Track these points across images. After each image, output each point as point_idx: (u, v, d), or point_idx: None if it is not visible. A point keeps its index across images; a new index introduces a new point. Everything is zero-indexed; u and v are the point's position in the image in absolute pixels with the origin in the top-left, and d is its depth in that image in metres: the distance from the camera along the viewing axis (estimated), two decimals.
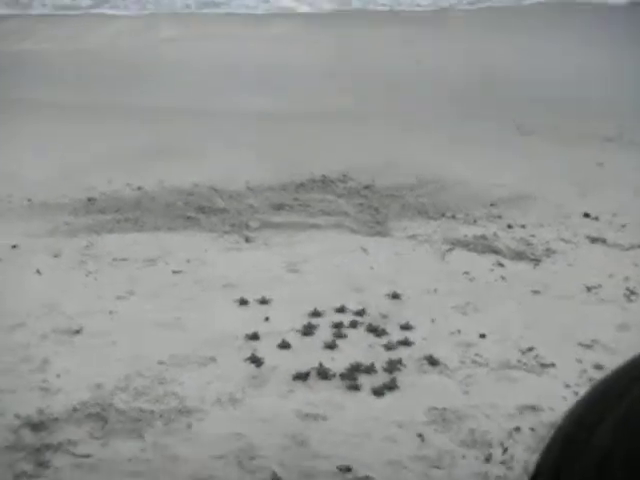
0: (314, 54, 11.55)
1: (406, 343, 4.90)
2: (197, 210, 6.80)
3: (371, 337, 4.99)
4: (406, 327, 5.08)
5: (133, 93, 9.97)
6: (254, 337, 4.93)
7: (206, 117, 9.16)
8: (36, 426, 4.13)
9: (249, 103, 9.66)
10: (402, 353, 4.80)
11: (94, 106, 9.40)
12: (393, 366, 4.66)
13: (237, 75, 10.71)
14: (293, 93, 10.10)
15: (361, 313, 5.23)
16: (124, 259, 5.90)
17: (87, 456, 3.97)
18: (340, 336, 4.97)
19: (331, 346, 4.87)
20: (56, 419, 4.18)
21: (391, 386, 4.50)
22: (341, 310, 5.26)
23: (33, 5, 14.08)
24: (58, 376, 4.51)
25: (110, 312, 5.18)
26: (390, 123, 9.13)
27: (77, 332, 4.95)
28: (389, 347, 4.86)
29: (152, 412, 4.25)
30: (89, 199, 6.99)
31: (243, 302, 5.35)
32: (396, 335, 4.98)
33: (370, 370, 4.62)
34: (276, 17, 13.72)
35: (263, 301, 5.36)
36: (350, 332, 5.04)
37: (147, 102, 9.63)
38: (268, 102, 9.68)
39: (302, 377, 4.55)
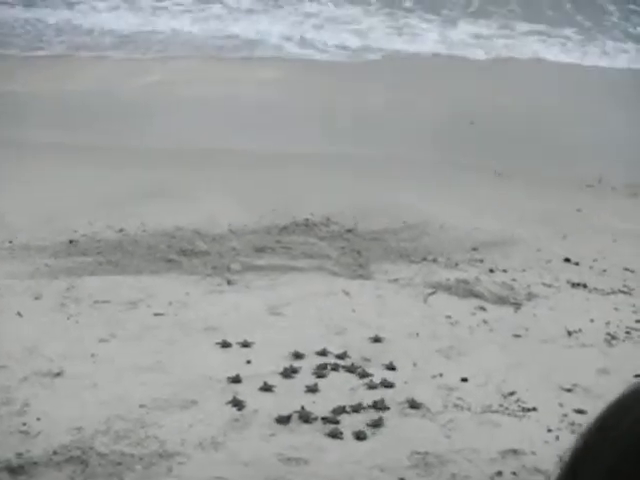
0: (312, 99, 11.63)
1: (388, 386, 4.89)
2: (179, 253, 6.79)
3: (353, 380, 4.99)
4: (388, 370, 5.08)
5: (121, 135, 10.00)
6: (236, 380, 4.92)
7: (191, 159, 9.19)
8: (15, 470, 4.09)
9: (236, 145, 9.70)
10: (384, 396, 4.79)
11: (79, 148, 9.41)
12: (375, 409, 4.66)
13: (230, 117, 10.76)
14: (281, 135, 10.16)
15: (343, 356, 5.23)
16: (105, 302, 5.88)
17: None
18: (322, 379, 4.97)
19: (313, 389, 4.86)
20: (36, 463, 4.14)
21: (373, 430, 4.49)
22: (323, 353, 5.26)
23: (52, 43, 14.12)
24: (38, 419, 4.47)
25: (91, 355, 5.15)
26: (374, 167, 9.20)
27: (58, 375, 4.91)
28: (371, 390, 4.85)
29: (133, 456, 4.22)
30: (70, 241, 6.98)
31: (225, 345, 5.34)
32: (378, 378, 4.97)
33: (352, 413, 4.61)
34: (282, 62, 13.79)
35: (245, 344, 5.35)
36: (332, 375, 5.03)
37: (133, 144, 9.66)
38: (255, 144, 9.72)
39: (284, 420, 4.54)
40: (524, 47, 14.23)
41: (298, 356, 5.20)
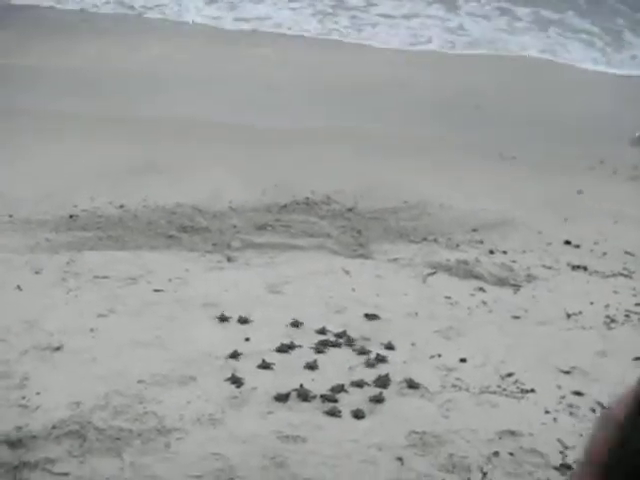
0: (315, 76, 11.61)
1: (387, 365, 4.89)
2: (179, 229, 6.79)
3: (352, 359, 4.99)
4: (387, 350, 5.08)
5: (123, 108, 9.97)
6: (234, 357, 4.93)
7: (194, 134, 9.17)
8: (14, 444, 4.09)
9: (238, 120, 9.68)
10: (383, 375, 4.79)
11: (81, 120, 9.39)
12: (373, 388, 4.66)
13: (234, 93, 10.75)
14: (283, 112, 10.14)
15: (342, 335, 5.23)
16: (105, 277, 5.88)
17: (65, 474, 3.94)
18: (321, 357, 4.97)
19: (312, 367, 4.87)
20: (34, 437, 4.15)
21: (371, 408, 4.50)
22: (322, 331, 5.26)
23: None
24: (37, 393, 4.48)
25: (91, 330, 5.15)
26: (375, 146, 9.18)
27: (57, 349, 4.92)
28: (370, 369, 4.85)
29: (131, 431, 4.23)
30: (71, 216, 6.97)
31: (224, 321, 5.34)
32: (377, 357, 4.98)
33: (350, 392, 4.62)
34: (285, 40, 13.72)
35: (244, 321, 5.36)
36: (331, 353, 5.04)
37: (136, 117, 9.64)
38: (257, 120, 9.70)
39: (282, 398, 4.54)
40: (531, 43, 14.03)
41: (297, 334, 5.21)
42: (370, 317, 5.48)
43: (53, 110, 9.69)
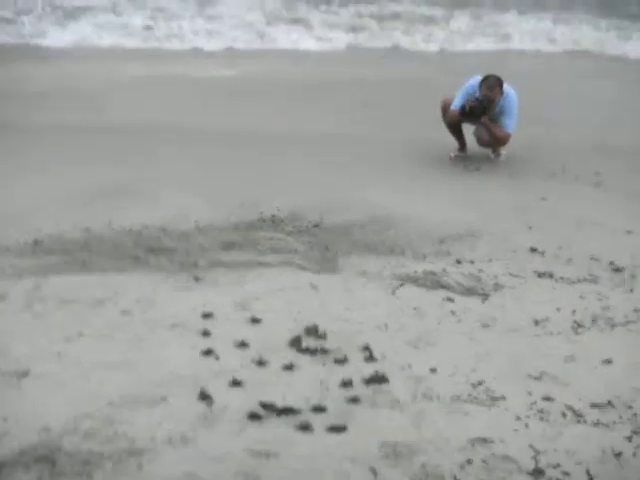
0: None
1: (358, 378, 4.89)
2: (146, 250, 6.75)
3: (323, 373, 4.98)
4: (358, 362, 5.08)
5: (82, 120, 9.95)
6: (205, 376, 4.90)
7: (157, 151, 9.18)
8: None
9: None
10: (354, 388, 4.80)
11: (44, 136, 9.35)
12: (345, 401, 4.66)
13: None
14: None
15: (313, 350, 5.22)
16: (72, 301, 5.83)
17: None
18: (291, 372, 4.96)
19: (283, 383, 4.85)
20: (3, 464, 4.10)
21: (344, 421, 4.49)
22: (292, 347, 5.25)
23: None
24: (5, 420, 4.42)
25: (58, 354, 5.11)
26: (340, 161, 9.23)
27: (24, 375, 4.86)
28: (341, 383, 4.85)
29: (102, 454, 4.19)
30: (35, 241, 6.91)
31: (193, 341, 5.32)
32: (348, 371, 4.98)
33: (322, 406, 4.61)
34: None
35: (213, 339, 5.33)
36: (302, 368, 5.03)
37: (94, 133, 9.62)
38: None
39: (254, 415, 4.53)
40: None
41: (267, 350, 5.19)
42: (340, 331, 5.47)
43: (11, 125, 9.66)
